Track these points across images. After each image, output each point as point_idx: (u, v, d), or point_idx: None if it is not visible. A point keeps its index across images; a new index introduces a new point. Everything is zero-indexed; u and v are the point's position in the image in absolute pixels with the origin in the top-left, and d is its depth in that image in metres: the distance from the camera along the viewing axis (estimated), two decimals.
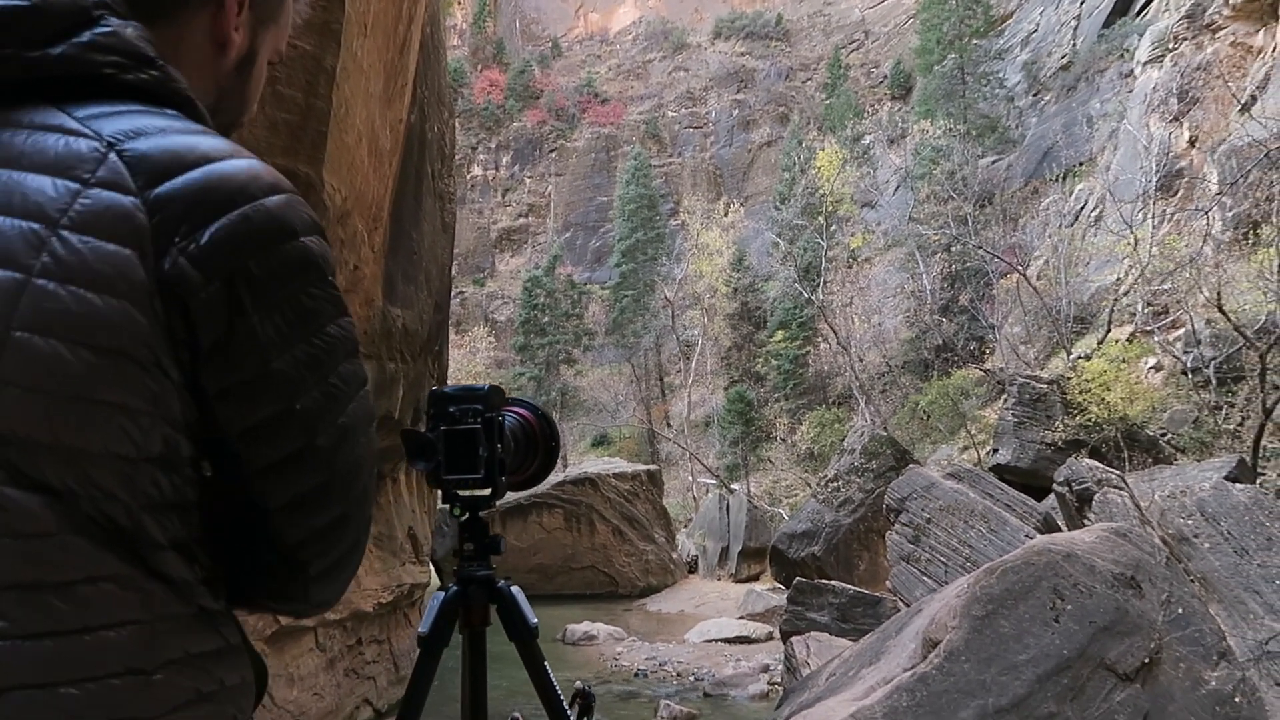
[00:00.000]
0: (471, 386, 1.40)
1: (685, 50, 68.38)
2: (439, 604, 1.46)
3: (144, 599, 0.76)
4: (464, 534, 1.47)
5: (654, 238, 47.81)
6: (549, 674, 1.48)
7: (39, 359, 0.72)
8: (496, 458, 1.36)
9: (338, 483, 0.89)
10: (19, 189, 0.76)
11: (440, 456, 1.36)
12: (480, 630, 1.50)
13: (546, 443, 1.52)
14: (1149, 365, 19.87)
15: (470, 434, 1.35)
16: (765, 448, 34.75)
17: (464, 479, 1.37)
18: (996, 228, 29.43)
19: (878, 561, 17.79)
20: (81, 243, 0.75)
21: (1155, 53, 27.35)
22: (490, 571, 1.48)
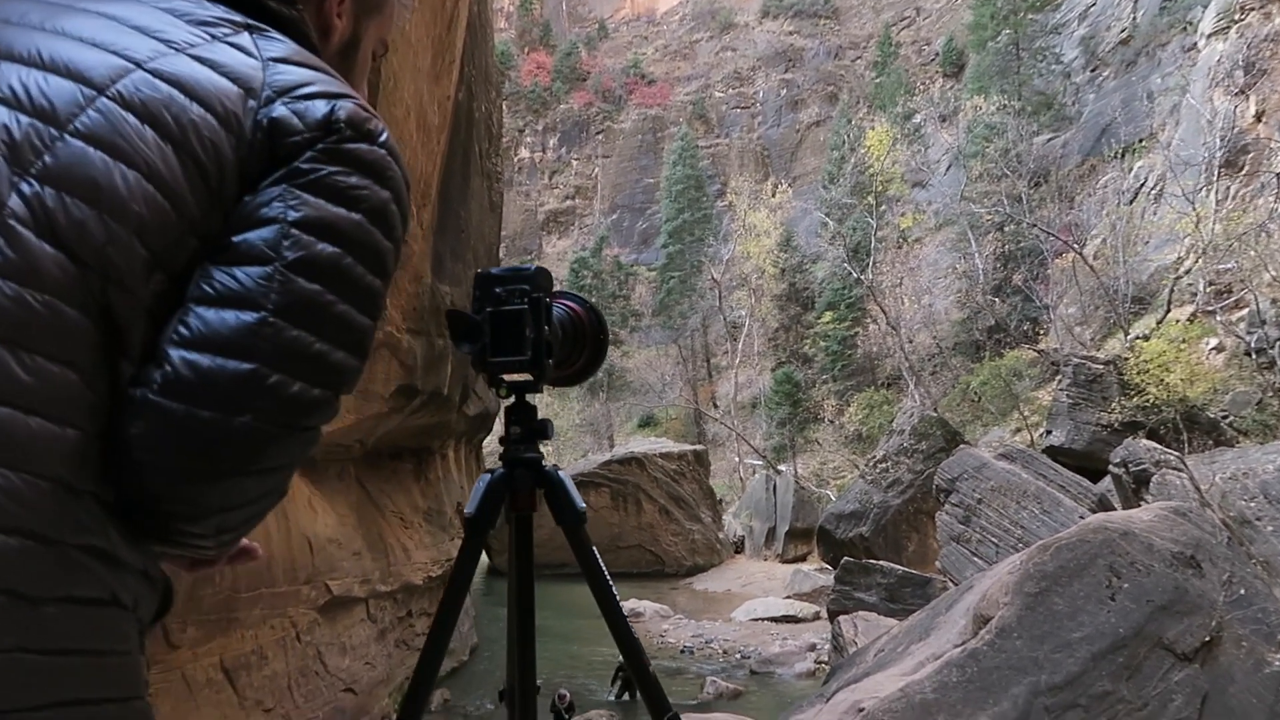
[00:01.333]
0: (519, 267, 1.36)
1: (733, 30, 67.74)
2: (485, 485, 1.42)
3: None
4: (510, 418, 1.43)
5: (701, 219, 47.59)
6: (598, 560, 1.44)
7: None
8: (544, 339, 1.33)
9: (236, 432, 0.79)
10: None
11: (486, 339, 1.32)
12: (527, 515, 1.46)
13: (595, 336, 1.49)
14: (1210, 346, 19.34)
15: (517, 315, 1.31)
16: (812, 429, 34.53)
17: (510, 361, 1.32)
18: (1052, 206, 28.81)
19: (926, 543, 17.60)
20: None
21: (1220, 24, 26.44)
22: (537, 455, 1.43)
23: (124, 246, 0.76)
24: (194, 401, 0.76)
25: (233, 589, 6.65)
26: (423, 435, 11.32)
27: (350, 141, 0.86)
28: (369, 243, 0.86)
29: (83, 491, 0.73)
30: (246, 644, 6.87)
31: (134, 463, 0.76)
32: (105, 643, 0.75)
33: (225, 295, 0.79)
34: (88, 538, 0.73)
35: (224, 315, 0.78)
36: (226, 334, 0.77)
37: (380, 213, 0.87)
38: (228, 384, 0.77)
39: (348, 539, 8.94)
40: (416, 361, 8.61)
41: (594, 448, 37.25)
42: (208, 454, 0.77)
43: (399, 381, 8.57)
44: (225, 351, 0.77)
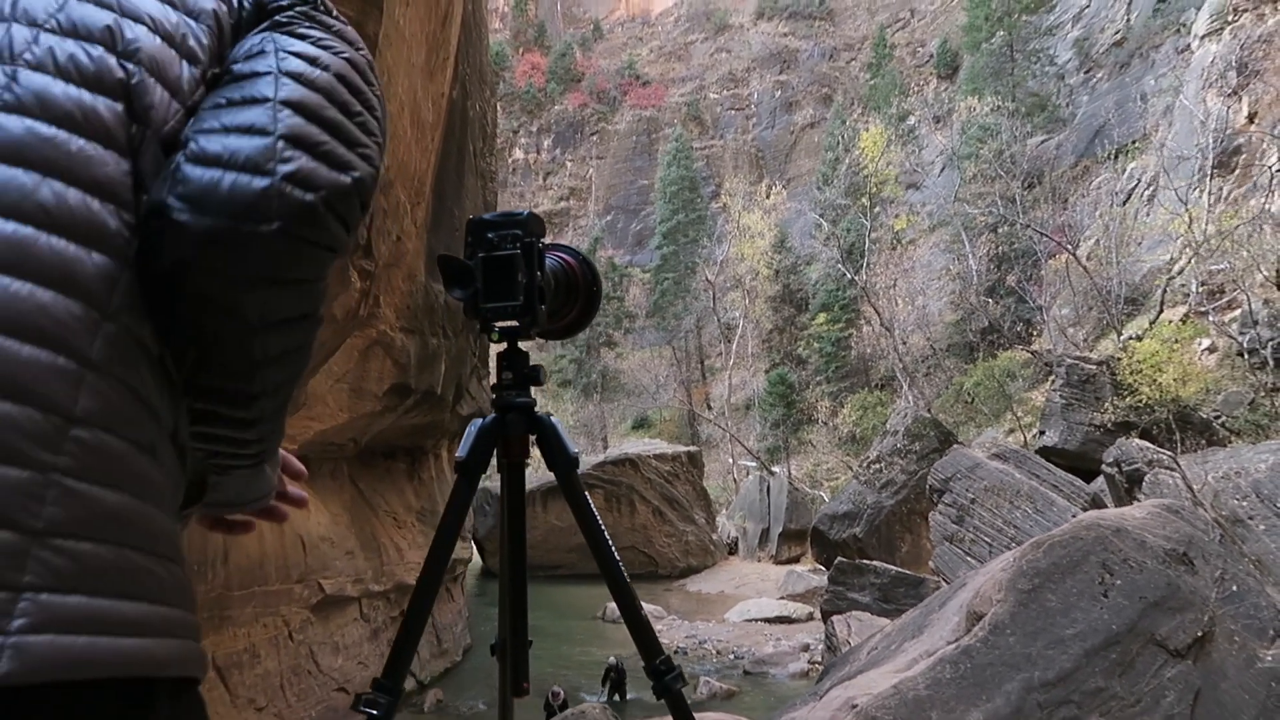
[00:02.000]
0: (511, 212, 1.35)
1: (727, 31, 67.83)
2: (476, 429, 1.40)
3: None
4: (502, 363, 1.42)
5: (695, 220, 47.62)
6: (590, 505, 1.43)
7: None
8: (536, 284, 1.32)
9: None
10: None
11: (478, 284, 1.31)
12: (519, 464, 1.44)
13: (588, 288, 1.48)
14: (1203, 346, 19.40)
15: (509, 259, 1.30)
16: (806, 431, 34.56)
17: (502, 306, 1.31)
18: (1045, 207, 28.87)
19: (920, 543, 17.62)
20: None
21: (1214, 25, 26.54)
22: (529, 400, 1.42)
23: (147, 85, 0.82)
24: (219, 165, 0.80)
25: (225, 587, 6.63)
26: (416, 434, 11.30)
27: (323, 13, 0.97)
28: (355, 82, 0.92)
29: (115, 316, 0.75)
30: (239, 642, 6.85)
31: (175, 231, 0.78)
32: (140, 486, 0.74)
33: (237, 99, 0.85)
34: (121, 369, 0.74)
35: (238, 111, 0.84)
36: (244, 120, 0.83)
37: (359, 67, 0.94)
38: (249, 151, 0.81)
39: (341, 538, 8.92)
40: (410, 360, 8.60)
41: (588, 449, 37.19)
42: (240, 211, 0.80)
43: (392, 380, 8.55)
44: (244, 131, 0.82)
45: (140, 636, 0.68)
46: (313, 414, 7.57)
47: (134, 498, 0.72)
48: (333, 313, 5.85)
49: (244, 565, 6.91)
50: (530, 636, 1.49)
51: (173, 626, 0.72)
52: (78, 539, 0.66)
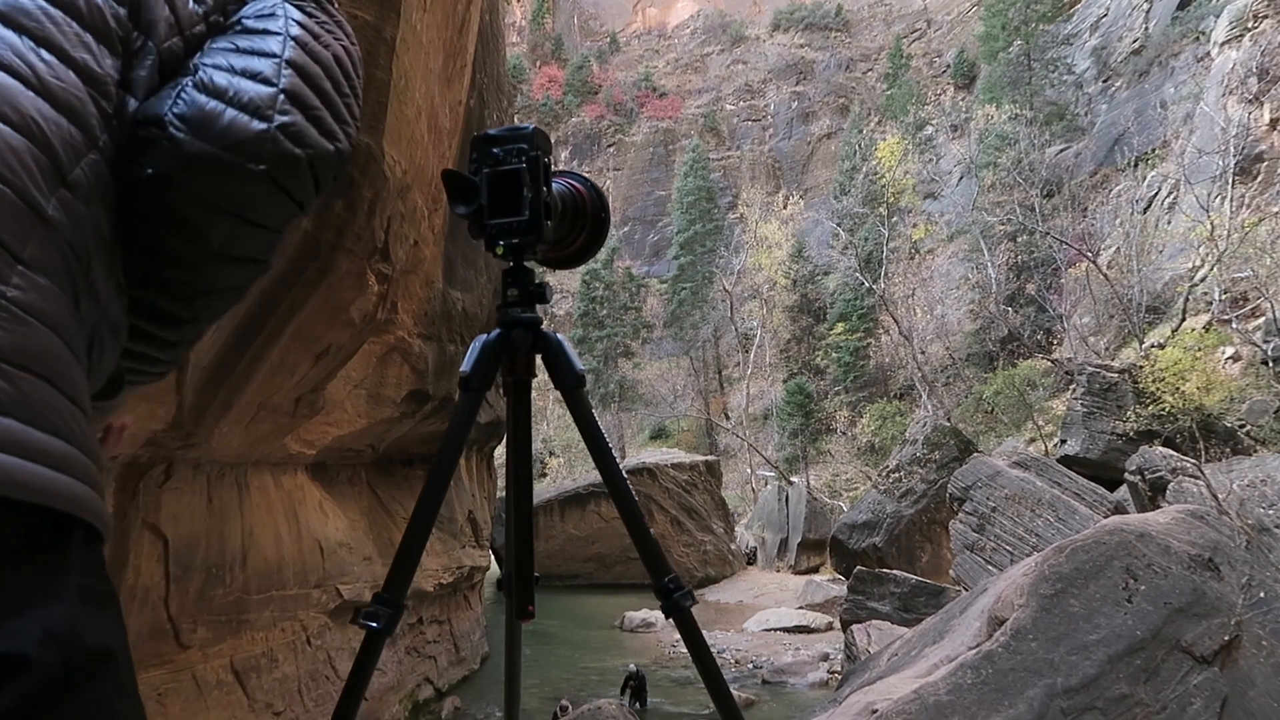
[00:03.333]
0: (516, 126, 1.33)
1: (743, 43, 67.95)
2: (480, 344, 1.38)
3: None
4: (508, 280, 1.39)
5: (712, 230, 47.61)
6: (597, 424, 1.39)
7: None
8: (542, 199, 1.29)
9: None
10: None
11: (483, 200, 1.29)
12: (525, 380, 1.41)
13: (596, 215, 1.44)
14: (1226, 355, 19.17)
15: (514, 174, 1.28)
16: (825, 440, 34.41)
17: (508, 222, 1.29)
18: (1065, 215, 28.71)
19: (940, 553, 17.48)
20: None
21: (1234, 32, 26.35)
22: (535, 316, 1.38)
23: (155, 2, 0.87)
24: (225, 101, 0.85)
25: (243, 590, 6.65)
26: (434, 442, 11.31)
27: (329, 1, 1.01)
28: (348, 69, 0.97)
29: (75, 187, 0.77)
30: (257, 646, 6.87)
31: (169, 143, 0.83)
32: (69, 336, 0.75)
33: (246, 46, 0.90)
34: (67, 230, 0.76)
35: (248, 57, 0.89)
36: (250, 65, 0.88)
37: (352, 57, 0.98)
38: (252, 93, 0.86)
39: (359, 543, 8.93)
40: (428, 366, 8.62)
41: None
42: (235, 144, 0.84)
43: (410, 387, 8.57)
44: (250, 76, 0.87)
45: (62, 473, 0.68)
46: (331, 419, 7.59)
47: (65, 346, 0.74)
48: (350, 316, 5.87)
49: (262, 569, 6.93)
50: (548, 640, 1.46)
51: (90, 475, 0.72)
52: (14, 366, 0.67)
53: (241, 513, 6.73)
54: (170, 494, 5.95)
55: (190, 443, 5.70)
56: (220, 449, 6.21)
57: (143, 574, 5.68)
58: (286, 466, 7.91)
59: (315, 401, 6.79)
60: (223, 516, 6.50)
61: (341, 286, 5.70)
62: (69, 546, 0.68)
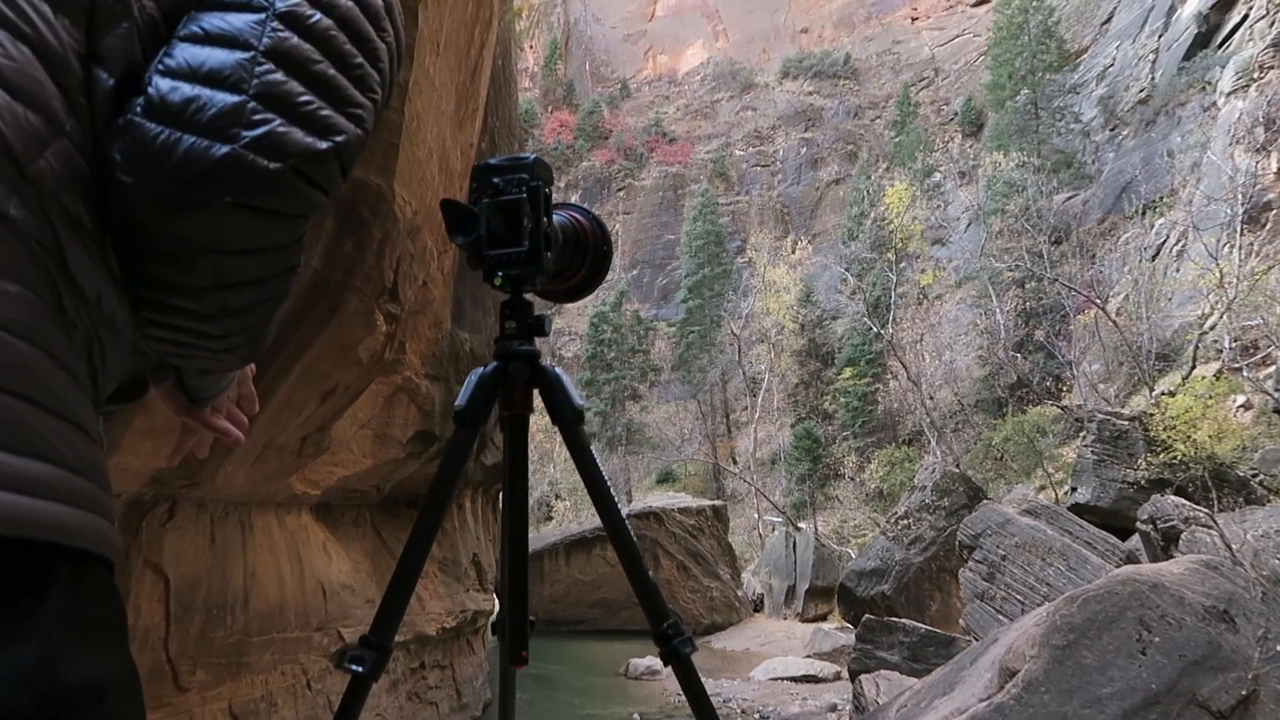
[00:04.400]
0: (517, 156, 1.31)
1: (753, 90, 68.79)
2: (476, 378, 1.34)
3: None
4: (505, 312, 1.36)
5: (720, 274, 47.81)
6: (595, 461, 1.36)
7: None
8: (542, 230, 1.26)
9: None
10: None
11: (482, 230, 1.26)
12: (521, 414, 1.37)
13: (598, 247, 1.41)
14: (1238, 403, 19.07)
15: (514, 204, 1.25)
16: (833, 486, 34.19)
17: (507, 253, 1.26)
18: (1073, 262, 28.75)
19: (950, 602, 17.25)
20: None
21: (1239, 82, 26.60)
22: (533, 349, 1.35)
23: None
24: (177, 125, 0.73)
25: (244, 633, 6.58)
26: None
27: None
28: (361, 31, 0.84)
29: (36, 183, 0.69)
30: (256, 690, 6.78)
31: (118, 188, 0.74)
32: (50, 344, 0.68)
33: (214, 34, 0.77)
34: (34, 228, 0.68)
35: (213, 51, 0.76)
36: (215, 66, 0.76)
37: (373, 12, 0.85)
38: (214, 111, 0.74)
39: (362, 586, 8.86)
40: (435, 407, 8.60)
41: None
42: (193, 179, 0.74)
43: (416, 427, 8.55)
44: (213, 82, 0.75)
45: (40, 498, 0.62)
46: (337, 460, 7.57)
47: (45, 355, 0.67)
48: (358, 355, 5.88)
49: (264, 611, 6.86)
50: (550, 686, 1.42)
51: (79, 497, 0.66)
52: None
53: (244, 553, 6.68)
54: (173, 533, 5.92)
55: (194, 481, 5.68)
56: (225, 488, 6.18)
57: (143, 614, 5.63)
58: (291, 506, 7.87)
59: (321, 441, 6.76)
60: (225, 556, 6.46)
61: (350, 326, 5.71)
62: (50, 578, 0.63)
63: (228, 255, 0.79)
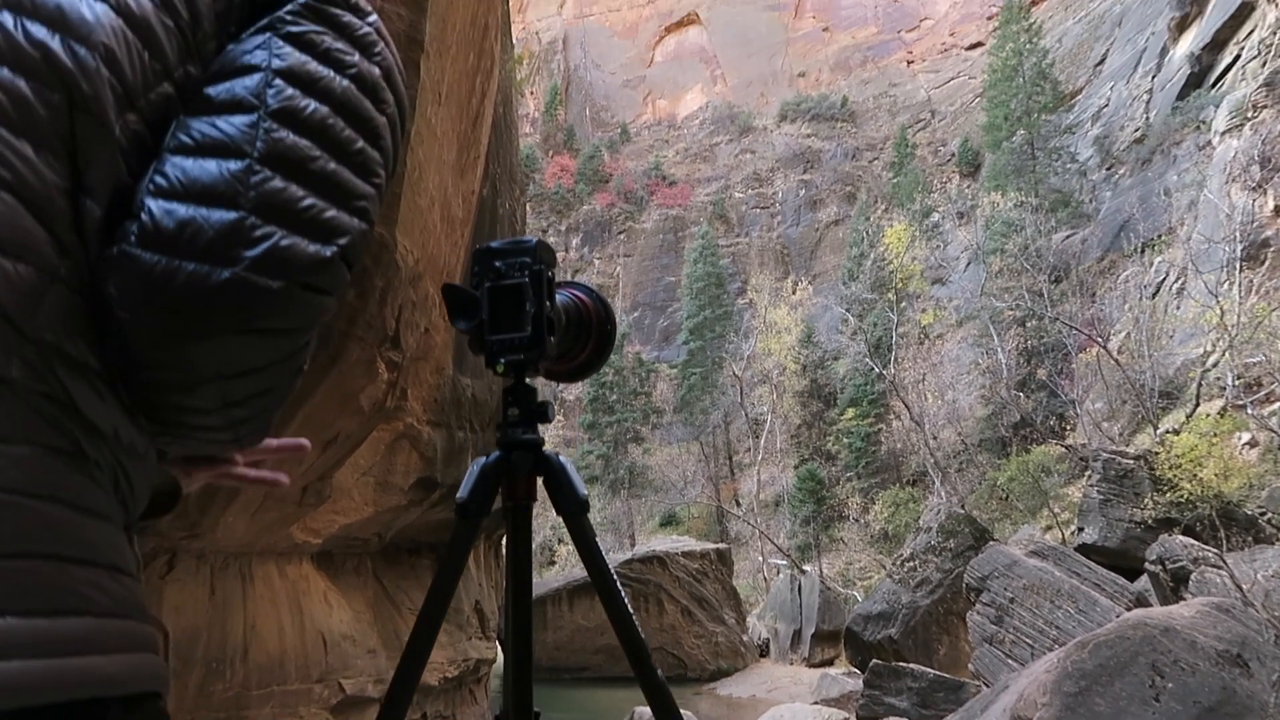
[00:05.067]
0: (520, 240, 1.28)
1: (751, 133, 69.50)
2: (478, 469, 1.30)
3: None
4: (508, 399, 1.33)
5: (721, 315, 47.92)
6: (601, 553, 1.32)
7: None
8: (545, 315, 1.24)
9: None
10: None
11: (484, 315, 1.24)
12: (525, 505, 1.34)
13: (601, 327, 1.40)
14: (1243, 441, 18.97)
15: (517, 288, 1.23)
16: (837, 527, 33.94)
17: (509, 338, 1.24)
18: (1074, 301, 28.82)
19: (958, 645, 17.03)
20: None
21: (1234, 122, 26.84)
22: (536, 437, 1.32)
23: (92, 73, 0.70)
24: (175, 253, 0.70)
25: (244, 686, 6.49)
26: (442, 530, 11.18)
27: (336, 6, 0.83)
28: (359, 110, 0.80)
29: (37, 339, 0.66)
30: None
31: (116, 324, 0.71)
32: (75, 496, 0.67)
33: (206, 144, 0.73)
34: (39, 384, 0.66)
35: (205, 164, 0.72)
36: (209, 182, 0.72)
37: (370, 85, 0.82)
38: (212, 234, 0.71)
39: (363, 636, 8.76)
40: (436, 454, 8.57)
41: (615, 546, 36.69)
42: (195, 310, 0.71)
43: (419, 474, 8.51)
44: (208, 200, 0.71)
45: (83, 655, 0.62)
46: (338, 508, 7.52)
47: (68, 508, 0.66)
48: (359, 404, 5.86)
49: (264, 663, 6.78)
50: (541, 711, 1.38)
51: (122, 640, 0.66)
52: (4, 556, 0.60)
53: (244, 604, 6.62)
54: (173, 585, 5.87)
55: (195, 533, 5.64)
56: (225, 539, 6.14)
57: None
58: (291, 556, 7.81)
59: (322, 490, 6.73)
60: (225, 608, 6.40)
61: (352, 374, 5.71)
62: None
63: (233, 379, 0.76)
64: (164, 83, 0.76)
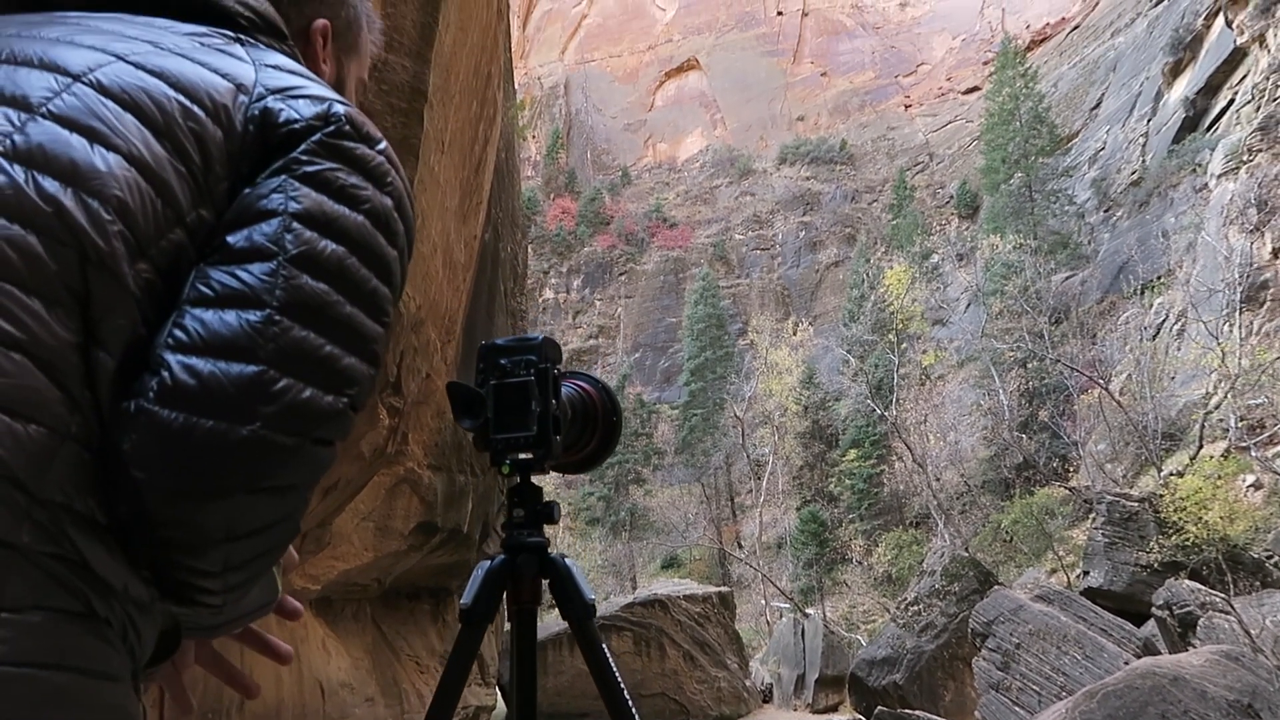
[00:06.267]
0: (525, 337, 1.28)
1: (751, 176, 70.08)
2: (483, 573, 1.29)
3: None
4: (514, 499, 1.32)
5: (722, 356, 47.94)
6: (608, 657, 1.29)
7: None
8: (551, 413, 1.23)
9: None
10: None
11: (489, 413, 1.23)
12: (530, 608, 1.32)
13: (607, 418, 1.38)
14: (1248, 483, 18.87)
15: (522, 386, 1.22)
16: (840, 570, 33.65)
17: (515, 437, 1.23)
18: (1074, 342, 28.87)
19: (964, 691, 16.79)
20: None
21: (1229, 165, 27.06)
22: (541, 539, 1.31)
23: (104, 227, 0.70)
24: (194, 409, 0.69)
25: None
26: (441, 574, 11.10)
27: (349, 140, 0.84)
28: (373, 246, 0.81)
29: (47, 501, 0.65)
30: None
31: (130, 481, 0.69)
32: (85, 660, 0.66)
33: (225, 295, 0.73)
34: (50, 545, 0.65)
35: (224, 316, 0.72)
36: (228, 335, 0.71)
37: (383, 218, 0.83)
38: (232, 389, 0.70)
39: (361, 683, 8.65)
40: (437, 498, 8.53)
41: (616, 589, 36.35)
42: (212, 468, 0.69)
43: (419, 518, 8.46)
44: (228, 354, 0.70)
45: None
46: (337, 554, 7.47)
47: (78, 674, 0.65)
48: (360, 450, 5.85)
49: (260, 713, 6.68)
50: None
51: None
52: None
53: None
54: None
55: None
56: None
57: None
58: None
59: (322, 536, 6.69)
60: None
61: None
62: None
63: (239, 540, 0.74)
64: (176, 229, 0.75)
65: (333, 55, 1.09)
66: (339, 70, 1.11)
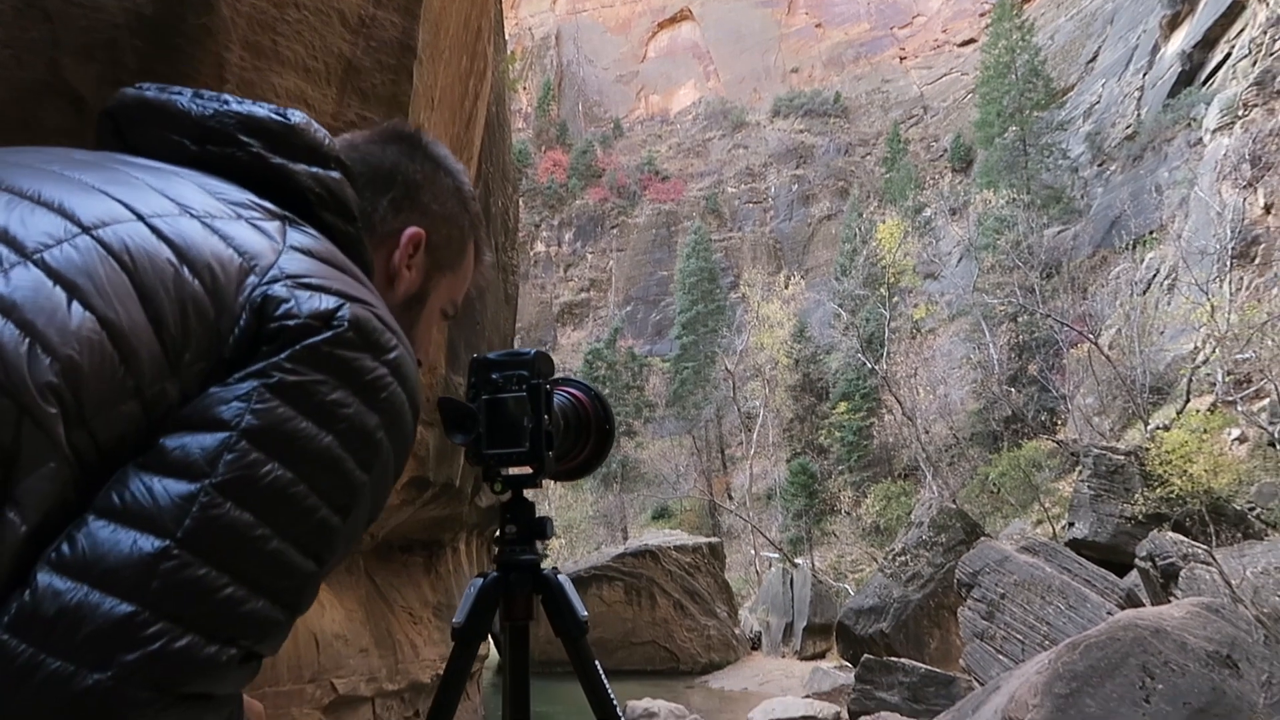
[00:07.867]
0: (517, 351, 1.26)
1: (744, 128, 69.47)
2: (476, 591, 1.29)
3: None
4: (506, 515, 1.31)
5: (714, 310, 47.96)
6: (601, 675, 1.30)
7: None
8: (544, 429, 1.22)
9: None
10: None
11: (481, 429, 1.22)
12: (523, 625, 1.33)
13: (600, 426, 1.38)
14: (1232, 436, 19.08)
15: (514, 402, 1.21)
16: (829, 521, 34.05)
17: (507, 453, 1.22)
18: (1065, 297, 28.93)
19: (949, 639, 17.11)
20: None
21: (1224, 120, 26.93)
22: (535, 557, 1.31)
23: (45, 384, 0.64)
24: (44, 645, 0.60)
25: None
26: (434, 528, 11.17)
27: (349, 348, 0.76)
28: (335, 471, 0.73)
29: None
30: None
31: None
32: None
33: (131, 511, 0.65)
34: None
35: (119, 536, 0.64)
36: (114, 562, 0.63)
37: (360, 437, 0.75)
38: (90, 628, 0.61)
39: (355, 635, 8.75)
40: (429, 453, 8.56)
41: (607, 540, 36.76)
42: (42, 716, 0.60)
43: (411, 474, 8.49)
44: (105, 584, 0.62)
45: None
46: None
47: None
48: None
49: None
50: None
51: None
52: None
53: None
54: None
55: None
56: None
57: None
58: None
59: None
60: None
61: None
62: None
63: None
64: (131, 400, 0.69)
65: (422, 265, 1.06)
66: (425, 282, 1.07)
